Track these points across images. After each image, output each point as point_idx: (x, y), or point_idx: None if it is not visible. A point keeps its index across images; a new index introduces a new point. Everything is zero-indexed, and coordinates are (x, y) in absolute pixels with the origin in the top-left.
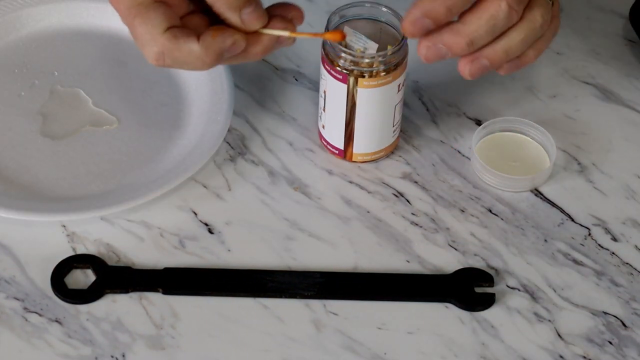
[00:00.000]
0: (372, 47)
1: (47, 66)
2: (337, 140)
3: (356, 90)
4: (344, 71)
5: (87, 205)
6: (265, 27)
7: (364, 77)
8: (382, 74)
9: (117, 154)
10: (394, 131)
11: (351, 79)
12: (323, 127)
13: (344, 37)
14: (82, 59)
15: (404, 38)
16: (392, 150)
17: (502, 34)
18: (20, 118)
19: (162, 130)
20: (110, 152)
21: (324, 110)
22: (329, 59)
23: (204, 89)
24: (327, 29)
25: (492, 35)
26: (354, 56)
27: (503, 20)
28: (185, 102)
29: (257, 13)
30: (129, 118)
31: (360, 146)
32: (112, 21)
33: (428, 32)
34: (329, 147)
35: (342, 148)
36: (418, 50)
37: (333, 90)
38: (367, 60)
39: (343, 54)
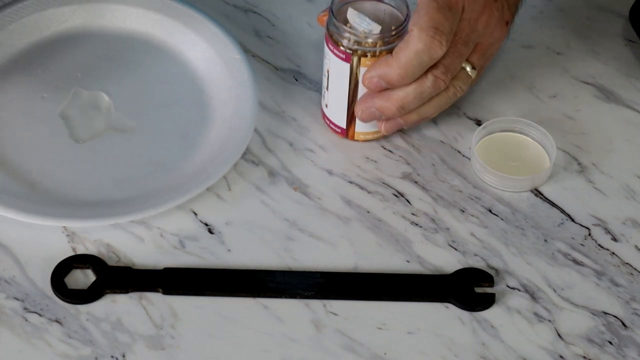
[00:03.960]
0: (376, 28)
1: (70, 68)
2: (340, 119)
3: (359, 70)
4: (348, 51)
5: (109, 212)
6: None
7: (366, 56)
8: (385, 54)
9: (138, 159)
10: None
11: (354, 59)
12: (326, 106)
13: None
14: (105, 62)
15: (406, 19)
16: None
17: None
18: (42, 120)
19: (184, 136)
20: (131, 157)
21: (327, 89)
22: (333, 40)
23: (227, 95)
24: (331, 10)
25: (420, 101)
26: (357, 36)
27: (429, 89)
28: (208, 108)
29: None
30: (151, 123)
31: (362, 125)
32: (137, 24)
33: (364, 97)
34: (331, 125)
35: (344, 127)
36: (355, 111)
37: (336, 69)
38: (370, 40)
39: (347, 34)
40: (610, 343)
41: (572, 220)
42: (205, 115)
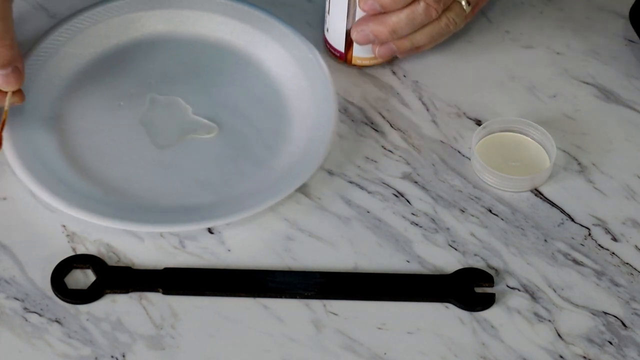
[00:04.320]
0: None
1: (142, 75)
2: (339, 43)
3: None
4: None
5: (197, 217)
6: None
7: None
8: None
9: (221, 163)
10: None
11: None
12: (327, 30)
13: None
14: (177, 67)
15: None
16: (389, 60)
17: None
18: (122, 128)
19: (264, 138)
20: (215, 161)
21: (328, 13)
22: None
23: (303, 95)
24: None
25: (412, 27)
26: None
27: (421, 15)
28: (286, 109)
29: (16, 75)
30: (230, 126)
31: (359, 50)
32: (205, 28)
33: (360, 20)
34: (331, 50)
35: (343, 51)
36: (351, 33)
37: None
38: None
39: None
40: (610, 343)
41: (572, 220)
42: (284, 117)
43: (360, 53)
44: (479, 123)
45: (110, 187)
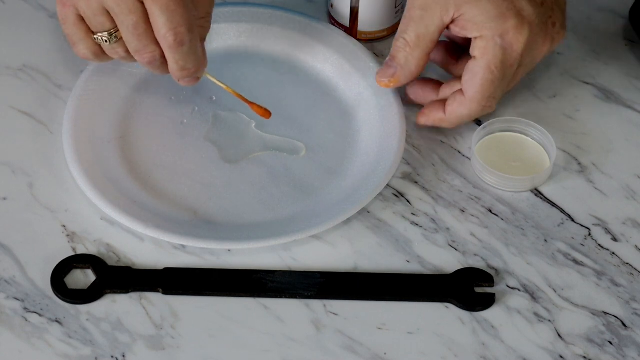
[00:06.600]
0: None
1: (203, 91)
2: (344, 18)
3: None
4: None
5: (268, 234)
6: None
7: None
8: None
9: (288, 179)
10: (396, 12)
11: None
12: (332, 6)
13: (268, 116)
14: (238, 82)
15: None
16: (394, 31)
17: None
18: (188, 145)
19: (332, 154)
20: (282, 177)
21: None
22: None
23: (368, 106)
24: None
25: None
26: None
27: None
28: (352, 122)
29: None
30: (295, 140)
31: (365, 24)
32: (261, 41)
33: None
34: (336, 25)
35: (348, 26)
36: (417, 118)
37: None
38: None
39: None
40: (610, 343)
41: (572, 220)
42: (350, 130)
43: (365, 27)
44: (479, 123)
45: (184, 205)
